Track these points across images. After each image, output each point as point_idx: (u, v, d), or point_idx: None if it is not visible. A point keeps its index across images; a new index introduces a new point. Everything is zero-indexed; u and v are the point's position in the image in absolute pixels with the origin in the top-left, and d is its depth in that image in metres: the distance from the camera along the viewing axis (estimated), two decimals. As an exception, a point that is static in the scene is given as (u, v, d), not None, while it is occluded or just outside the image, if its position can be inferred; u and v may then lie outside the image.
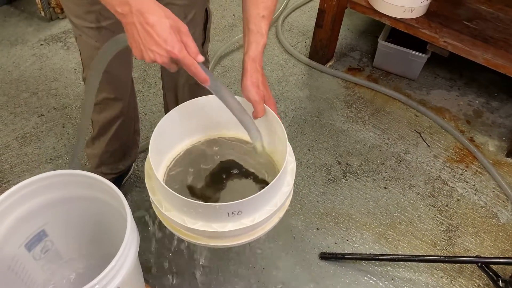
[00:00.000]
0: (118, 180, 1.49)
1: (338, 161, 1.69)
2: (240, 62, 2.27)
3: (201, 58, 0.76)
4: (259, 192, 0.80)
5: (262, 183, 0.96)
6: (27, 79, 1.94)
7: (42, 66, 2.00)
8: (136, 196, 1.55)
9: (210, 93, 1.40)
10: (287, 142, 0.90)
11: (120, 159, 1.41)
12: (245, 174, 1.00)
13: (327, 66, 2.06)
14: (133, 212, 0.88)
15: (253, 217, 0.84)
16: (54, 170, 1.59)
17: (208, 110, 1.00)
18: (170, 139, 1.01)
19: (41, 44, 2.11)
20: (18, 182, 0.92)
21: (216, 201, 0.96)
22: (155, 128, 0.91)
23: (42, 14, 2.19)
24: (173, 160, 1.03)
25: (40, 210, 0.99)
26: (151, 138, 0.89)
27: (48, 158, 1.64)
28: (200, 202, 0.80)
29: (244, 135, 1.04)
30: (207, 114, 1.01)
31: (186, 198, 0.80)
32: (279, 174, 0.83)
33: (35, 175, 1.57)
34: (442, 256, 1.33)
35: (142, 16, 0.71)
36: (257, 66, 0.89)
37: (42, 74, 1.96)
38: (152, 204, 0.90)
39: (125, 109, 1.27)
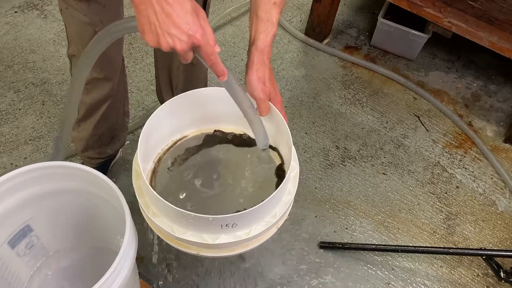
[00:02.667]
0: (105, 165, 1.39)
1: (336, 145, 1.63)
2: (233, 37, 2.13)
3: (218, 48, 0.67)
4: (257, 206, 0.72)
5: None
6: (0, 50, 1.78)
7: (17, 36, 1.84)
8: (124, 180, 1.46)
9: (204, 75, 1.33)
10: (292, 146, 0.82)
11: (108, 142, 1.31)
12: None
13: (324, 43, 1.97)
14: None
15: (249, 229, 0.77)
16: (34, 151, 1.49)
17: (205, 103, 0.91)
18: (163, 133, 0.92)
19: (15, 12, 1.94)
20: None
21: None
22: (146, 123, 0.81)
23: (15, -23, 2.00)
24: (166, 152, 0.94)
25: (25, 204, 0.89)
26: (141, 132, 0.80)
27: (28, 139, 1.52)
28: (191, 213, 0.71)
29: (239, 129, 0.96)
30: (203, 107, 0.92)
31: (175, 207, 0.71)
32: (281, 185, 0.75)
33: (13, 157, 1.49)
34: (447, 248, 1.30)
35: None
36: (264, 58, 0.81)
37: (18, 45, 1.80)
38: (139, 206, 0.82)
39: (114, 89, 1.17)
